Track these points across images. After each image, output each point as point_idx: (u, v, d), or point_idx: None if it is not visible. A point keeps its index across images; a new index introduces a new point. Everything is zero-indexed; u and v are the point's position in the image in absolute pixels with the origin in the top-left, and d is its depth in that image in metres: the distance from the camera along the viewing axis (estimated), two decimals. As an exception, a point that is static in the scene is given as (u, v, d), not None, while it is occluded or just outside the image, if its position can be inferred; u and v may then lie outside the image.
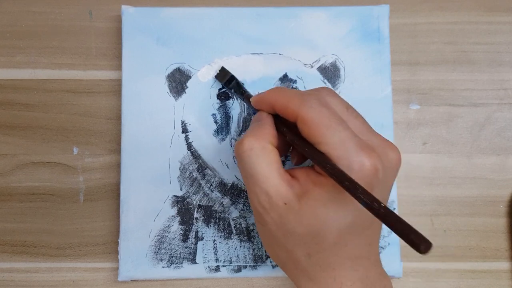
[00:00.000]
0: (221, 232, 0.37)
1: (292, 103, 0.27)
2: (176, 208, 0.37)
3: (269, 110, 0.30)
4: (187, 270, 0.36)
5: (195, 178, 0.37)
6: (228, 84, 0.37)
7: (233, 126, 0.37)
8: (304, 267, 0.28)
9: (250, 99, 0.32)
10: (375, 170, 0.25)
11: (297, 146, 0.28)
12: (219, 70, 0.37)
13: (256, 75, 0.38)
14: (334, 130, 0.26)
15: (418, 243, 0.20)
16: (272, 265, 0.36)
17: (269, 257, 0.36)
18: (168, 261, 0.36)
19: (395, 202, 0.37)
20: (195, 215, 0.37)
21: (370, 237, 0.28)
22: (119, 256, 0.36)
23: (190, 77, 0.38)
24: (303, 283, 0.29)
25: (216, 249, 0.36)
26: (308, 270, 0.28)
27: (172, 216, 0.36)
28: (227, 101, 0.37)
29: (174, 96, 0.37)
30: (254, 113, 0.35)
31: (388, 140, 0.28)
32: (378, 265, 0.29)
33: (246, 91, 0.36)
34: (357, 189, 0.23)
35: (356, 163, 0.25)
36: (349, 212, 0.26)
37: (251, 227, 0.37)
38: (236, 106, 0.37)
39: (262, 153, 0.27)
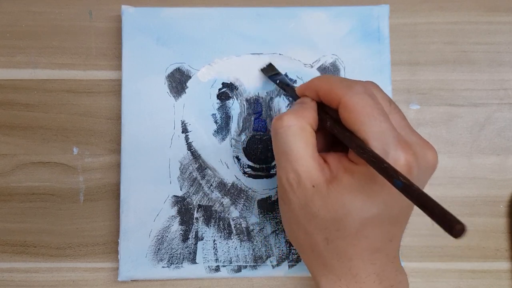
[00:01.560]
0: (221, 232, 0.37)
1: (336, 87, 0.27)
2: (176, 208, 0.37)
3: (314, 97, 0.30)
4: (187, 270, 0.36)
5: (195, 178, 0.37)
6: (273, 77, 0.36)
7: (233, 126, 0.37)
8: (320, 252, 0.28)
9: (296, 88, 0.31)
10: (409, 167, 0.25)
11: (335, 133, 0.27)
12: (266, 65, 0.37)
13: (256, 75, 0.38)
14: (375, 120, 0.26)
15: (453, 225, 0.20)
16: (272, 265, 0.36)
17: (268, 256, 0.36)
18: (168, 261, 0.36)
19: (395, 202, 0.37)
20: (195, 215, 0.37)
21: (392, 233, 0.28)
22: (119, 256, 0.36)
23: (190, 77, 0.38)
24: (317, 268, 0.29)
25: (216, 249, 0.36)
26: (324, 255, 0.28)
27: (172, 216, 0.36)
28: (227, 101, 0.37)
29: (174, 96, 0.37)
30: (256, 113, 0.35)
31: (427, 141, 0.28)
32: (396, 261, 0.29)
33: (291, 84, 0.35)
34: (396, 172, 0.23)
35: (392, 157, 0.25)
36: (375, 204, 0.26)
37: (251, 227, 0.37)
38: (236, 106, 0.37)
39: (300, 132, 0.27)
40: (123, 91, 0.37)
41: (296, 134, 0.27)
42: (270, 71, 0.37)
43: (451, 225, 0.20)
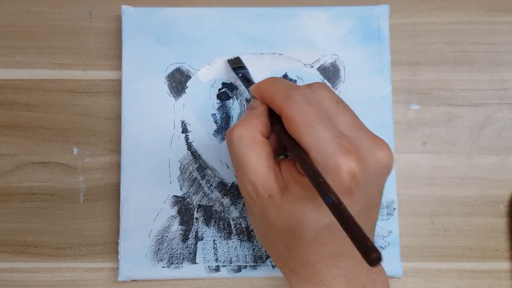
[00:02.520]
0: (221, 232, 0.37)
1: (278, 96, 0.27)
2: (176, 208, 0.37)
3: (262, 101, 0.29)
4: (187, 270, 0.36)
5: (195, 178, 0.37)
6: (237, 70, 0.36)
7: (233, 126, 0.37)
8: (285, 259, 0.28)
9: (249, 88, 0.31)
10: (352, 174, 0.24)
11: (283, 137, 0.27)
12: (234, 57, 0.37)
13: (256, 76, 0.38)
14: (313, 129, 0.25)
15: (370, 253, 0.20)
16: (272, 265, 0.36)
17: (268, 256, 0.36)
18: (168, 261, 0.36)
19: (394, 202, 0.37)
20: (195, 215, 0.37)
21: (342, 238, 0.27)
22: (119, 256, 0.36)
23: (190, 77, 0.38)
24: (286, 272, 0.29)
25: (216, 249, 0.36)
26: (289, 262, 0.28)
27: (172, 216, 0.36)
28: (227, 101, 0.37)
29: (174, 96, 0.37)
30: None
31: (379, 138, 0.27)
32: (363, 266, 0.28)
33: (252, 80, 0.35)
34: (328, 188, 0.23)
35: (332, 166, 0.24)
36: (326, 213, 0.25)
37: (251, 227, 0.37)
38: (236, 106, 0.37)
39: (251, 143, 0.27)
40: (123, 91, 0.37)
41: (248, 146, 0.27)
42: (235, 64, 0.37)
43: (368, 252, 0.20)
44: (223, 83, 0.38)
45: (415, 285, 0.37)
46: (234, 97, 0.37)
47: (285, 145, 0.30)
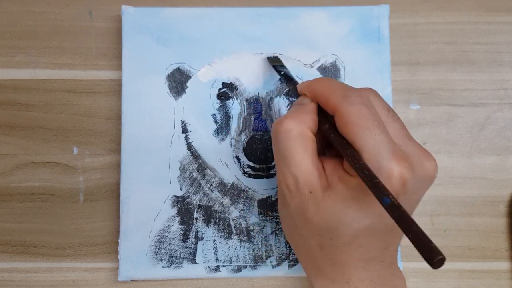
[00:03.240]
0: (221, 232, 0.37)
1: (334, 95, 0.27)
2: (176, 208, 0.37)
3: (312, 98, 0.29)
4: (187, 270, 0.36)
5: (195, 178, 0.37)
6: (277, 68, 0.36)
7: (233, 126, 0.37)
8: (315, 257, 0.28)
9: (297, 85, 0.31)
10: (403, 180, 0.24)
11: (331, 139, 0.27)
12: (273, 56, 0.37)
13: (256, 76, 0.38)
14: (370, 132, 0.25)
15: (434, 256, 0.19)
16: (272, 265, 0.36)
17: (268, 256, 0.36)
18: (168, 261, 0.36)
19: (395, 202, 0.37)
20: (195, 215, 0.37)
21: (387, 242, 0.28)
22: (119, 256, 0.36)
23: (190, 77, 0.38)
24: (311, 271, 0.29)
25: (216, 249, 0.36)
26: (318, 261, 0.28)
27: (172, 216, 0.36)
28: (227, 101, 0.37)
29: (174, 96, 0.37)
30: (256, 113, 0.35)
31: (425, 149, 0.27)
32: (393, 266, 0.28)
33: (294, 78, 0.35)
34: (385, 189, 0.23)
35: (385, 170, 0.24)
36: (368, 215, 0.26)
37: (251, 227, 0.37)
38: (236, 106, 0.37)
39: (300, 137, 0.27)
40: (123, 91, 0.37)
41: (296, 139, 0.27)
42: (275, 62, 0.37)
43: (433, 255, 0.19)
44: (223, 83, 0.38)
45: (415, 285, 0.37)
46: (234, 97, 0.37)
47: (328, 144, 0.30)
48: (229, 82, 0.38)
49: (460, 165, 0.39)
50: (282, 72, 0.36)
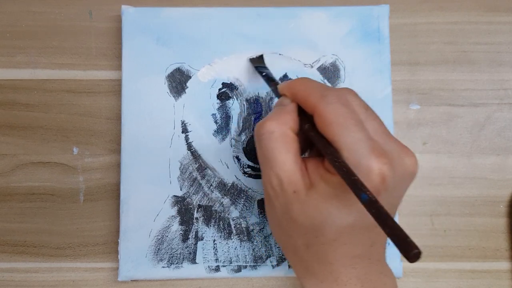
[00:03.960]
0: (221, 232, 0.37)
1: (313, 95, 0.27)
2: (176, 208, 0.37)
3: (293, 99, 0.29)
4: (187, 270, 0.36)
5: (195, 178, 0.37)
6: (260, 69, 0.36)
7: (233, 126, 0.37)
8: (302, 256, 0.28)
9: (278, 86, 0.31)
10: (383, 177, 0.25)
11: (312, 138, 0.27)
12: (257, 56, 0.37)
13: (256, 76, 0.38)
14: (348, 130, 0.25)
15: (410, 250, 0.20)
16: (272, 265, 0.36)
17: (268, 256, 0.36)
18: (168, 261, 0.36)
19: (395, 202, 0.37)
20: (195, 215, 0.37)
21: (372, 239, 0.28)
22: (119, 256, 0.36)
23: (190, 77, 0.38)
24: (300, 270, 0.29)
25: (216, 249, 0.36)
26: (305, 259, 0.28)
27: (172, 216, 0.36)
28: (227, 101, 0.37)
29: (174, 96, 0.37)
30: (257, 113, 0.35)
31: (405, 146, 0.27)
32: (380, 264, 0.29)
33: (276, 80, 0.35)
34: (363, 186, 0.23)
35: (364, 167, 0.25)
36: (351, 212, 0.26)
37: (251, 227, 0.37)
38: (236, 106, 0.37)
39: (282, 138, 0.27)
40: (123, 91, 0.37)
41: (278, 140, 0.27)
42: (257, 63, 0.37)
43: (409, 249, 0.20)
44: (223, 83, 0.38)
45: (415, 285, 0.37)
46: (234, 97, 0.37)
47: (309, 144, 0.30)
48: (229, 82, 0.38)
49: (460, 165, 0.39)
50: (263, 73, 0.36)
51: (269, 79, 0.35)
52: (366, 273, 0.28)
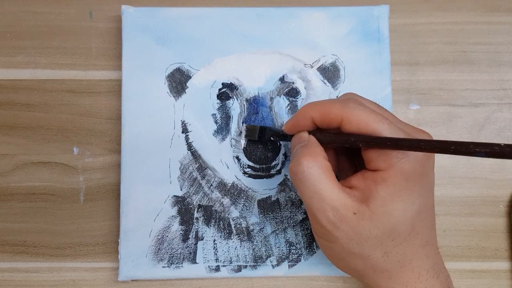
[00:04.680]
0: (221, 232, 0.37)
1: (334, 108, 0.29)
2: (176, 208, 0.37)
3: (307, 126, 0.31)
4: (187, 270, 0.36)
5: (195, 178, 0.37)
6: (263, 137, 0.35)
7: (233, 126, 0.37)
8: (383, 267, 0.28)
9: (282, 128, 0.32)
10: (427, 155, 0.27)
11: (359, 143, 0.28)
12: (245, 130, 0.36)
13: (256, 76, 0.38)
14: (383, 124, 0.27)
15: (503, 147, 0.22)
16: (272, 265, 0.36)
17: (268, 256, 0.36)
18: (168, 261, 0.36)
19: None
20: (195, 215, 0.37)
21: (432, 222, 0.29)
22: (119, 256, 0.36)
23: (190, 77, 0.38)
24: (384, 284, 0.29)
25: (216, 249, 0.36)
26: (387, 269, 0.28)
27: (172, 216, 0.36)
28: (227, 101, 0.37)
29: (174, 96, 0.37)
30: (257, 113, 0.35)
31: (419, 128, 0.29)
32: (439, 252, 0.30)
33: (279, 130, 0.35)
34: (450, 143, 0.24)
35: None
36: (415, 199, 0.27)
37: (251, 227, 0.37)
38: (236, 106, 0.37)
39: (322, 170, 0.28)
40: (123, 91, 0.37)
41: (320, 172, 0.28)
42: (253, 132, 0.36)
43: (503, 147, 0.22)
44: (223, 83, 0.38)
45: (415, 285, 0.37)
46: (234, 97, 0.37)
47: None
48: (229, 82, 0.38)
49: (460, 165, 0.39)
50: (271, 138, 0.35)
51: (276, 136, 0.34)
52: (436, 262, 0.29)
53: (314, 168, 0.28)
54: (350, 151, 0.33)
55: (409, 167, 0.27)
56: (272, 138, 0.35)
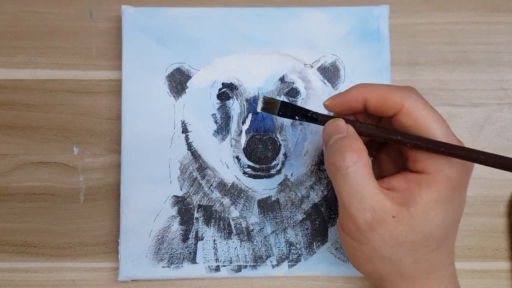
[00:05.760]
0: (221, 232, 0.37)
1: (395, 94, 0.27)
2: (176, 208, 0.37)
3: (354, 109, 0.29)
4: (187, 270, 0.36)
5: (195, 178, 0.37)
6: (285, 114, 0.31)
7: (233, 126, 0.37)
8: (410, 274, 0.28)
9: (324, 103, 0.30)
10: (472, 166, 0.27)
11: (407, 142, 0.27)
12: (262, 102, 0.32)
13: (256, 76, 0.38)
14: (441, 125, 0.26)
15: None
16: (272, 265, 0.36)
17: (268, 256, 0.36)
18: (168, 261, 0.36)
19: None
20: (195, 215, 0.37)
21: (456, 232, 0.29)
22: (119, 256, 0.36)
23: (190, 77, 0.38)
24: None
25: (216, 249, 0.36)
26: (414, 276, 0.28)
27: (172, 216, 0.36)
28: (227, 101, 0.38)
29: (174, 96, 0.37)
30: (257, 113, 0.35)
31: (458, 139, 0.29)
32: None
33: (309, 110, 0.31)
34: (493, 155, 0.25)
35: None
36: (455, 209, 0.27)
37: (251, 227, 0.37)
38: (236, 106, 0.37)
39: (366, 168, 0.27)
40: (123, 91, 0.37)
41: (364, 171, 0.27)
42: (274, 106, 0.31)
43: None
44: (223, 83, 0.38)
45: (415, 285, 0.37)
46: (234, 97, 0.37)
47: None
48: (229, 82, 0.38)
49: (460, 165, 0.39)
50: (296, 117, 0.31)
51: (303, 116, 0.31)
52: (454, 270, 0.29)
53: (358, 165, 0.26)
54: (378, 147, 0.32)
55: (457, 176, 0.26)
56: (297, 118, 0.31)
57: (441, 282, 0.28)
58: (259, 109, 0.32)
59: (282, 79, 0.38)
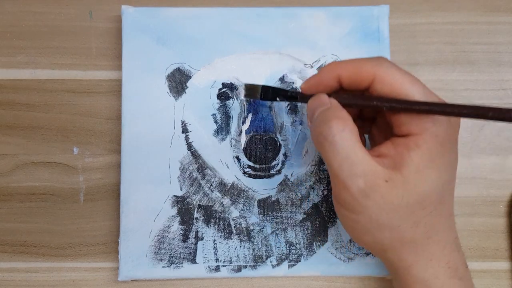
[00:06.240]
0: (221, 232, 0.37)
1: (366, 65, 0.28)
2: (176, 208, 0.37)
3: (330, 87, 0.29)
4: (187, 270, 0.36)
5: (195, 178, 0.37)
6: (266, 97, 0.33)
7: (233, 126, 0.37)
8: (411, 238, 0.27)
9: (301, 86, 0.31)
10: (458, 122, 0.27)
11: (383, 105, 0.27)
12: (244, 89, 0.35)
13: (256, 75, 0.38)
14: (418, 86, 0.27)
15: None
16: (272, 265, 0.36)
17: (268, 256, 0.36)
18: (168, 261, 0.36)
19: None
20: (195, 215, 0.37)
21: (453, 194, 0.29)
22: (119, 256, 0.36)
23: (190, 77, 0.38)
24: (406, 258, 0.28)
25: (216, 249, 0.36)
26: (415, 240, 0.27)
27: (172, 216, 0.37)
28: (227, 101, 0.38)
29: (174, 96, 0.37)
30: (257, 113, 0.35)
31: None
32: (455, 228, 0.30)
33: (289, 90, 0.33)
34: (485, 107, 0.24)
35: None
36: (447, 167, 0.27)
37: (251, 227, 0.37)
38: (236, 106, 0.37)
39: (353, 134, 0.27)
40: (123, 91, 0.37)
41: (352, 137, 0.27)
42: (255, 91, 0.34)
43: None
44: (223, 83, 0.38)
45: (415, 285, 0.37)
46: (234, 97, 0.37)
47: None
48: (229, 82, 0.38)
49: (460, 165, 0.38)
50: (277, 98, 0.33)
51: (283, 97, 0.32)
52: (456, 237, 0.29)
53: (345, 132, 0.26)
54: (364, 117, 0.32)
55: (443, 132, 0.26)
56: (278, 99, 0.32)
57: (443, 247, 0.28)
58: (242, 97, 0.33)
59: (282, 79, 0.38)
